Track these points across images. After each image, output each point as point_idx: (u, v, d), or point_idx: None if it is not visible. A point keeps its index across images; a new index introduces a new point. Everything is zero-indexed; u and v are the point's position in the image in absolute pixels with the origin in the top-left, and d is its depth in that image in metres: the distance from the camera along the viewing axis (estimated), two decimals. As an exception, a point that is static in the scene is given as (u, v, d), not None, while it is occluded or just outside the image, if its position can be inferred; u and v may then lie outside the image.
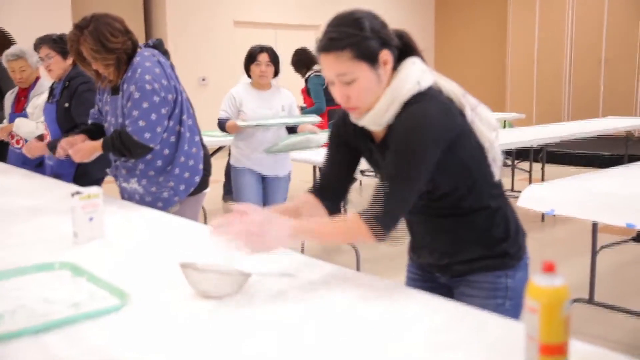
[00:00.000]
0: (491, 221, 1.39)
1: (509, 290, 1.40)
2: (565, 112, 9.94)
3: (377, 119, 1.32)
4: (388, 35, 1.30)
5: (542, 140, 5.11)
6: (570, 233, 4.77)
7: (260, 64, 3.50)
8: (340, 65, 1.27)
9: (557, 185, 2.70)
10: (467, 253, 1.39)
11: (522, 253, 1.44)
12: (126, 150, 2.26)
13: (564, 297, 0.93)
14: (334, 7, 7.36)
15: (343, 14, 1.31)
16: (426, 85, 1.32)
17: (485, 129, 1.36)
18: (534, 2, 10.12)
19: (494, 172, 1.39)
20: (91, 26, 2.20)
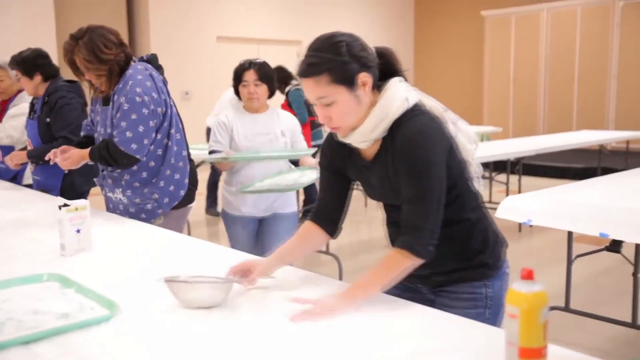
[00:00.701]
0: (470, 233, 1.42)
1: (489, 300, 1.43)
2: (541, 126, 10.15)
3: (364, 136, 1.36)
4: (367, 58, 1.34)
5: (519, 153, 5.21)
6: (546, 243, 4.87)
7: (247, 85, 2.77)
8: (319, 89, 1.32)
9: (533, 196, 2.76)
10: (446, 264, 1.42)
11: (500, 263, 1.47)
12: (112, 160, 2.27)
13: (543, 303, 0.98)
14: (316, 22, 7.49)
15: (322, 37, 1.35)
16: (413, 101, 1.37)
17: (466, 142, 1.41)
18: (509, 22, 10.36)
19: (474, 185, 1.44)
20: (86, 37, 2.23)
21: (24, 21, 6.81)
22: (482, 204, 1.47)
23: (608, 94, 9.48)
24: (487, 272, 1.44)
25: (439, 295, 1.48)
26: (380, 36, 11.16)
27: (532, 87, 10.22)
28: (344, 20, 10.45)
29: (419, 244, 1.29)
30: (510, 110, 10.50)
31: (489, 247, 1.45)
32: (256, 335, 1.18)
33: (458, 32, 11.20)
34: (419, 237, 1.29)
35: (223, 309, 1.31)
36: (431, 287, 1.49)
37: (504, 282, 1.47)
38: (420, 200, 1.30)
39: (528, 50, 10.19)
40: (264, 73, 2.78)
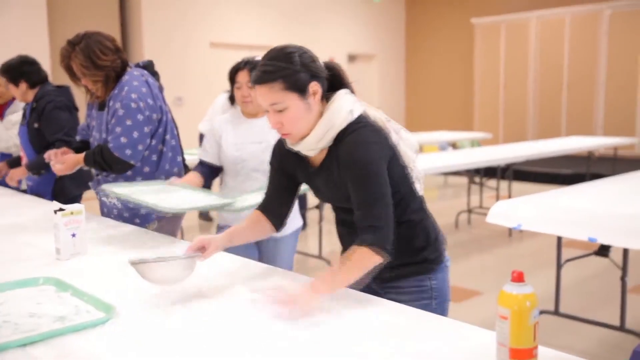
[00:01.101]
0: (412, 233, 1.53)
1: (434, 291, 1.55)
2: (530, 132, 10.24)
3: (311, 145, 1.45)
4: (317, 68, 1.43)
5: (509, 159, 5.27)
6: (536, 247, 4.92)
7: (240, 87, 2.40)
8: (272, 96, 1.40)
9: (523, 201, 2.80)
10: (393, 261, 1.47)
11: (441, 257, 1.59)
12: (106, 166, 2.29)
13: (533, 304, 1.00)
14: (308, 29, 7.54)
15: (276, 48, 1.45)
16: (358, 113, 1.46)
17: (407, 149, 1.50)
18: (499, 29, 10.46)
19: (417, 189, 1.53)
20: (82, 43, 2.25)
21: (17, 25, 6.79)
22: (424, 205, 1.58)
23: (596, 101, 9.59)
24: (430, 266, 1.55)
25: (387, 291, 1.56)
26: (371, 42, 11.22)
27: (522, 94, 10.32)
28: (336, 26, 10.50)
29: (379, 242, 1.36)
30: (501, 117, 10.59)
31: (431, 244, 1.55)
32: (251, 338, 1.20)
33: (448, 39, 11.29)
34: (381, 235, 1.37)
35: (220, 310, 1.33)
36: (380, 281, 1.55)
37: (446, 274, 1.60)
38: (370, 204, 1.38)
39: (518, 58, 10.29)
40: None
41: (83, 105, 3.16)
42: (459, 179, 8.48)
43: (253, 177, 2.37)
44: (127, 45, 8.19)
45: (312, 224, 5.46)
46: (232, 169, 2.41)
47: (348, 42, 10.73)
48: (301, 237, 5.26)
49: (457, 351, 1.13)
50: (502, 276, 4.11)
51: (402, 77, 11.92)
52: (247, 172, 2.39)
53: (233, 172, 2.42)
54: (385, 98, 11.61)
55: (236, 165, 2.39)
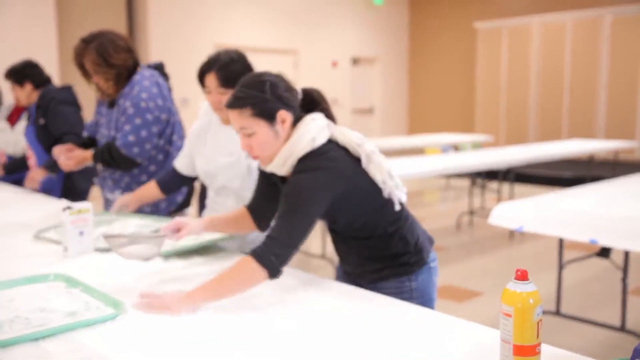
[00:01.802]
0: (389, 242, 1.56)
1: (414, 291, 1.59)
2: (531, 135, 10.26)
3: (277, 168, 1.52)
4: (288, 98, 1.49)
5: (511, 162, 5.28)
6: (537, 249, 4.93)
7: (210, 92, 1.96)
8: (241, 121, 1.47)
9: (525, 203, 2.81)
10: (372, 265, 1.59)
11: (423, 260, 1.61)
12: (113, 163, 2.31)
13: (536, 302, 1.02)
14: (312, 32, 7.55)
15: (251, 75, 1.51)
16: (321, 141, 1.48)
17: (377, 172, 1.52)
18: (501, 33, 10.49)
19: (394, 203, 1.55)
20: (96, 41, 2.28)
21: (25, 27, 6.82)
22: (402, 215, 1.58)
23: (597, 104, 9.61)
24: (410, 268, 1.59)
25: (375, 290, 1.59)
26: (374, 45, 11.25)
27: (523, 98, 10.34)
28: (340, 29, 10.53)
29: (266, 254, 1.36)
30: (502, 120, 10.61)
31: (411, 251, 1.58)
32: (256, 335, 1.22)
33: (451, 43, 11.32)
34: (270, 247, 1.37)
35: (228, 309, 1.34)
36: (366, 281, 1.62)
37: (430, 275, 1.63)
38: (286, 217, 1.40)
39: (519, 62, 10.31)
40: (229, 76, 1.91)
41: (88, 104, 3.20)
42: (460, 181, 8.50)
43: (223, 195, 2.09)
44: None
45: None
46: (205, 182, 2.17)
47: (351, 45, 10.76)
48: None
49: (459, 348, 1.15)
50: (503, 277, 4.13)
51: (405, 80, 11.95)
52: (216, 188, 2.10)
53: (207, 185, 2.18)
54: (388, 101, 11.64)
55: (206, 179, 2.13)
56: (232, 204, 2.05)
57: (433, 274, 1.64)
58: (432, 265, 1.64)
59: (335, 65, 10.44)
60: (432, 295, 1.64)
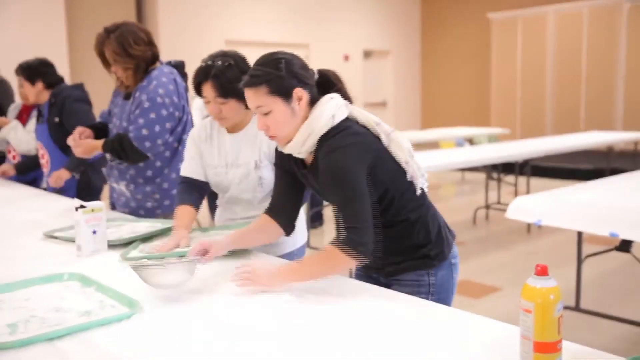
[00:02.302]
0: (410, 231, 1.54)
1: (432, 287, 1.56)
2: (548, 127, 10.14)
3: (296, 148, 1.50)
4: (304, 75, 1.48)
5: (528, 154, 5.22)
6: (555, 243, 4.87)
7: (209, 102, 1.91)
8: (257, 99, 1.47)
9: (543, 197, 2.78)
10: (392, 257, 1.56)
11: (444, 254, 1.58)
12: (123, 154, 2.34)
13: (557, 298, 1.00)
14: (324, 26, 7.49)
15: (266, 54, 1.50)
16: (340, 118, 1.48)
17: (399, 151, 1.51)
18: (516, 24, 10.36)
19: (415, 187, 1.53)
20: (118, 31, 2.33)
21: (35, 20, 6.89)
22: (425, 203, 1.57)
23: (616, 95, 9.46)
24: (430, 262, 1.56)
25: (392, 283, 1.59)
26: (386, 38, 11.19)
27: (540, 89, 10.21)
28: (351, 22, 10.48)
29: (353, 242, 1.39)
30: (518, 112, 10.50)
31: (432, 241, 1.55)
32: (272, 334, 1.21)
33: (464, 35, 11.21)
34: (353, 235, 1.39)
35: (243, 307, 1.34)
36: (384, 275, 1.61)
37: (450, 272, 1.59)
38: (347, 205, 1.41)
39: (535, 52, 10.18)
40: (227, 85, 1.84)
41: (97, 99, 3.21)
42: (476, 175, 8.43)
43: (233, 202, 2.04)
44: (143, 45, 8.27)
45: (328, 221, 5.47)
46: (216, 191, 2.09)
47: (363, 38, 10.71)
48: (317, 234, 5.28)
49: (479, 345, 1.13)
50: (521, 272, 4.09)
51: (418, 73, 11.87)
52: (228, 197, 2.04)
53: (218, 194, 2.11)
54: (401, 94, 11.58)
55: (217, 189, 2.07)
56: (240, 210, 2.04)
57: (454, 271, 1.61)
58: (454, 261, 1.61)
59: (347, 59, 10.40)
60: (451, 293, 1.61)
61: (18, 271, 1.62)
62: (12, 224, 2.29)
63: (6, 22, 6.67)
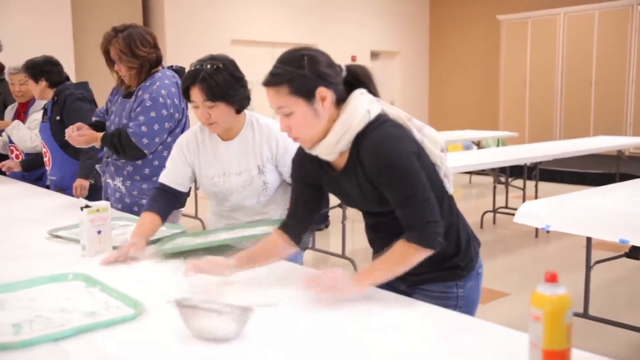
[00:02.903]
0: (443, 238, 1.42)
1: (460, 299, 1.49)
2: (557, 131, 10.08)
3: (328, 149, 1.41)
4: (329, 74, 1.38)
5: (536, 158, 5.18)
6: (563, 249, 4.83)
7: (197, 106, 1.84)
8: (278, 99, 1.38)
9: (551, 202, 2.75)
10: (419, 267, 1.42)
11: (473, 264, 1.52)
12: (121, 149, 2.39)
13: (567, 305, 0.98)
14: (330, 25, 7.47)
15: (289, 51, 1.41)
16: (376, 113, 1.41)
17: (433, 147, 1.45)
18: (526, 26, 10.31)
19: (447, 187, 1.48)
20: (126, 32, 2.39)
21: (41, 17, 6.92)
22: (454, 207, 1.51)
23: (626, 99, 9.38)
24: (460, 273, 1.49)
25: (415, 292, 1.52)
26: (394, 39, 11.16)
27: (549, 92, 10.15)
28: (359, 22, 10.46)
29: (427, 238, 1.34)
30: (527, 115, 10.44)
31: (462, 251, 1.49)
32: (282, 338, 1.20)
33: (474, 36, 11.17)
34: (427, 231, 1.34)
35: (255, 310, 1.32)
36: (407, 285, 1.53)
37: (477, 282, 1.54)
38: (411, 202, 1.35)
39: (544, 55, 10.12)
40: (215, 88, 1.79)
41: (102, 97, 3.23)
42: (483, 178, 8.39)
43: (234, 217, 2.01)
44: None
45: (334, 222, 5.45)
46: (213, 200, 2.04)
47: (371, 39, 10.69)
48: (324, 235, 5.26)
49: (487, 352, 1.11)
50: (529, 277, 4.05)
51: (426, 75, 11.83)
52: (231, 206, 1.99)
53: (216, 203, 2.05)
54: (408, 96, 11.54)
55: (217, 200, 2.02)
56: (242, 217, 2.00)
57: (480, 281, 1.54)
58: (480, 271, 1.54)
59: (354, 59, 10.39)
60: (476, 304, 1.54)
61: (22, 270, 1.62)
62: (17, 222, 2.29)
63: (12, 19, 6.71)
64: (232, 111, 1.86)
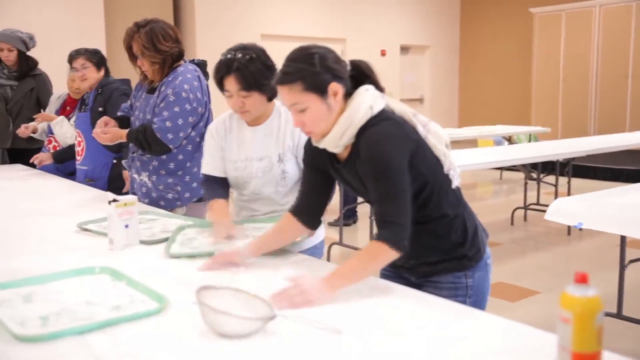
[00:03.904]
0: (449, 228, 1.50)
1: (469, 289, 1.52)
2: (592, 126, 9.84)
3: (333, 142, 1.47)
4: (338, 69, 1.44)
5: (569, 154, 5.07)
6: (596, 247, 4.72)
7: (231, 95, 1.89)
8: (292, 96, 1.43)
9: (584, 198, 2.69)
10: (428, 257, 1.51)
11: (480, 254, 1.54)
12: (146, 144, 2.41)
13: (597, 308, 0.95)
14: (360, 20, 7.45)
15: (299, 49, 1.46)
16: (378, 109, 1.46)
17: (437, 142, 1.48)
18: (560, 18, 10.07)
19: (452, 181, 1.50)
20: (148, 27, 2.40)
21: (74, 14, 7.04)
22: (461, 199, 1.54)
23: (664, 94, 9.10)
24: (468, 263, 1.51)
25: (425, 284, 1.54)
26: (424, 33, 11.04)
27: (583, 87, 9.91)
28: (389, 17, 10.38)
29: (395, 238, 1.37)
30: (560, 110, 10.21)
31: (468, 240, 1.51)
32: (295, 334, 1.18)
33: (506, 30, 10.97)
34: (395, 231, 1.37)
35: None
36: (417, 276, 1.57)
37: (485, 272, 1.56)
38: (387, 199, 1.39)
39: (579, 48, 9.88)
40: (250, 78, 1.84)
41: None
42: (514, 174, 8.25)
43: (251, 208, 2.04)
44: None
45: (362, 217, 5.44)
46: (235, 189, 2.09)
47: (401, 33, 10.59)
48: (351, 231, 5.25)
49: (513, 353, 1.09)
50: (560, 276, 3.97)
51: (456, 69, 11.68)
52: (250, 194, 2.03)
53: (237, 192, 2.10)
54: (438, 91, 11.42)
55: (237, 186, 2.05)
56: (260, 207, 2.04)
57: (489, 272, 1.58)
58: (488, 262, 1.58)
59: (384, 54, 10.31)
60: (487, 294, 1.57)
61: (51, 263, 1.65)
62: (47, 216, 2.33)
63: (46, 16, 6.84)
64: (264, 100, 1.93)
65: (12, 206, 2.55)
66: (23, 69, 3.93)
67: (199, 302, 1.19)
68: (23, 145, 3.89)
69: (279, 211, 2.01)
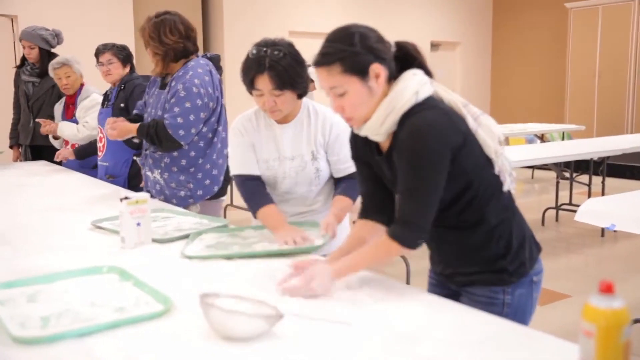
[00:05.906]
0: (489, 237, 1.37)
1: (506, 306, 1.38)
2: (628, 124, 9.52)
3: (374, 129, 1.35)
4: (381, 50, 1.33)
5: (603, 152, 4.90)
6: (631, 249, 4.54)
7: (262, 94, 1.80)
8: (331, 79, 1.32)
9: (618, 199, 2.57)
10: (465, 266, 1.40)
11: (525, 269, 1.39)
12: (157, 140, 2.39)
13: (624, 321, 0.87)
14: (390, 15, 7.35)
15: (338, 29, 1.35)
16: (425, 95, 1.33)
17: (488, 138, 1.35)
18: (596, 12, 9.77)
19: (503, 184, 1.37)
20: (160, 17, 2.42)
21: (104, 10, 7.12)
22: (510, 205, 1.40)
23: None
24: (508, 278, 1.38)
25: (464, 293, 1.45)
26: (455, 30, 10.86)
27: (620, 84, 9.59)
28: (419, 13, 10.24)
29: (408, 238, 1.31)
30: (595, 108, 9.92)
31: (512, 253, 1.38)
32: (313, 334, 1.13)
33: (540, 25, 10.70)
34: (409, 230, 1.31)
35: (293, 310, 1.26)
36: (455, 285, 1.47)
37: (529, 290, 1.40)
38: (412, 195, 1.30)
39: (616, 44, 9.56)
40: (284, 76, 1.76)
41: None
42: (546, 173, 8.04)
43: (280, 209, 1.90)
44: (208, 35, 8.42)
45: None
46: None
47: (431, 30, 10.44)
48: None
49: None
50: (592, 279, 3.83)
51: (488, 66, 11.45)
52: (281, 194, 1.96)
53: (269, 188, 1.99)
54: (469, 88, 11.22)
55: (268, 185, 1.97)
56: (290, 208, 1.97)
57: (534, 290, 1.41)
58: (535, 279, 1.41)
59: (414, 51, 10.17)
60: (527, 315, 1.41)
61: (63, 261, 1.63)
62: (64, 213, 2.33)
63: (76, 13, 6.93)
64: (295, 97, 1.86)
65: (31, 202, 2.57)
66: (45, 66, 3.98)
67: (205, 303, 1.15)
68: (42, 142, 3.93)
69: (307, 212, 1.96)
